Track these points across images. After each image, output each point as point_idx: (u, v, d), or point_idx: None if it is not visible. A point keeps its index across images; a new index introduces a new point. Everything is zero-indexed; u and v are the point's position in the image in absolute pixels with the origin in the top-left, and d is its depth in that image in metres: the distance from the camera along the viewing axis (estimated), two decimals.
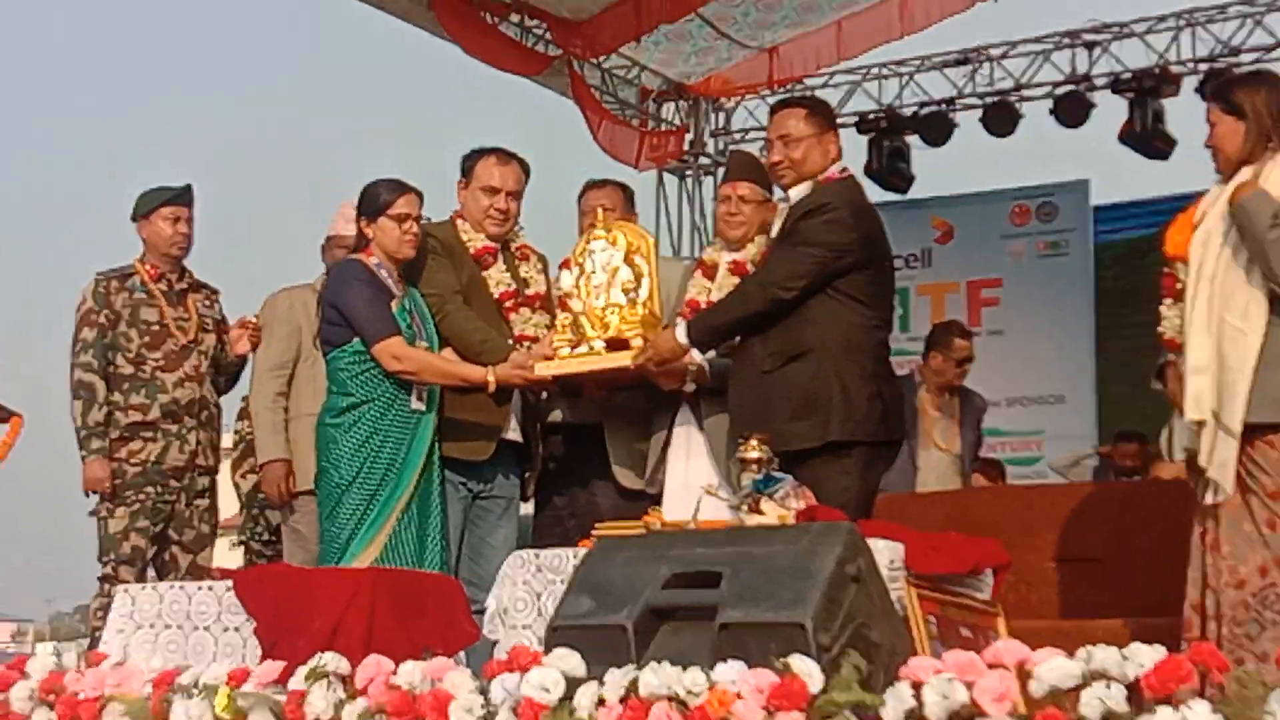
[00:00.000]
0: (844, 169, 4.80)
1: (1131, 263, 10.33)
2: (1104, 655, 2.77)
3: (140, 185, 6.00)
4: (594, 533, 4.17)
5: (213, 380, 5.93)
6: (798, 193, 4.75)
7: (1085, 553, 5.29)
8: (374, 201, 5.06)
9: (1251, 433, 4.04)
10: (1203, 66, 10.03)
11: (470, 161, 5.28)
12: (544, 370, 4.92)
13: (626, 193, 5.55)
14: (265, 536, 6.64)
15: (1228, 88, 4.33)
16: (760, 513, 3.92)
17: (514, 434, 5.27)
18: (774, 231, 4.85)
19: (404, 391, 5.01)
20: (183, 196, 5.90)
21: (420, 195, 5.10)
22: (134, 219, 5.91)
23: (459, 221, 5.27)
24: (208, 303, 6.00)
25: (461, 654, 4.28)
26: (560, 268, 5.20)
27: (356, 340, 4.98)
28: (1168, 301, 4.32)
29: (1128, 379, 10.09)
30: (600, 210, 5.07)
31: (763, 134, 11.54)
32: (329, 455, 5.01)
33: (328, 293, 5.08)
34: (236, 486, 6.69)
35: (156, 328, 5.80)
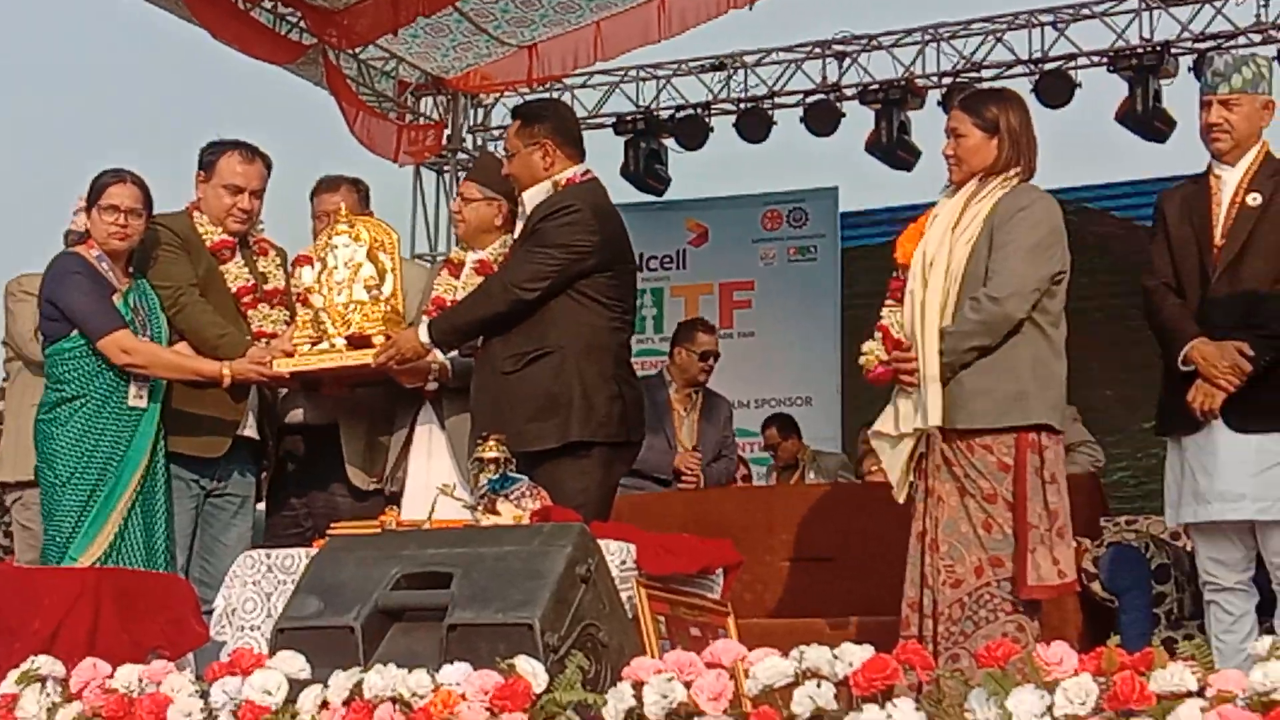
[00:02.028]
0: (585, 171, 4.83)
1: (874, 266, 10.62)
2: (815, 654, 2.85)
3: None
4: (329, 533, 4.12)
5: None
6: (532, 196, 4.77)
7: (818, 552, 5.42)
8: (91, 190, 4.90)
9: (969, 436, 4.20)
10: (946, 80, 10.37)
11: (212, 155, 5.13)
12: (283, 367, 4.83)
13: (361, 190, 5.46)
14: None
15: (981, 102, 4.45)
16: (496, 513, 3.93)
17: (250, 430, 5.16)
18: (517, 232, 4.86)
19: (122, 386, 4.86)
20: None
21: (140, 185, 4.92)
22: None
23: (195, 214, 5.14)
24: None
25: (190, 656, 4.19)
26: (295, 264, 5.12)
27: (74, 334, 4.83)
28: (890, 303, 4.47)
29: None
30: (343, 205, 5.01)
31: None
32: (44, 452, 4.85)
33: (45, 287, 4.89)
34: None
35: None
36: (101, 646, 3.75)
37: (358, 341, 4.76)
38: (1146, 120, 9.73)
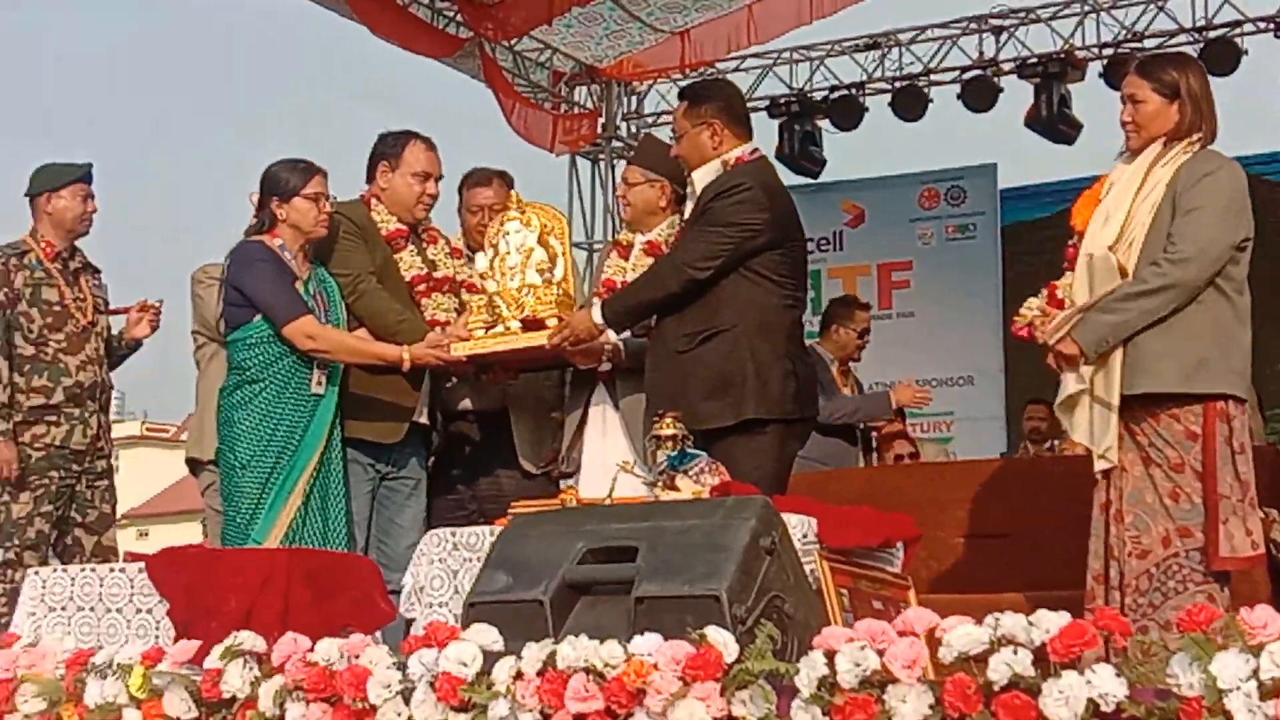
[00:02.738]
0: (754, 150, 4.84)
1: (1035, 243, 10.49)
2: (1010, 622, 2.83)
3: (30, 162, 5.90)
4: (510, 511, 4.19)
5: (107, 362, 5.86)
6: (701, 175, 4.80)
7: (992, 528, 5.38)
8: (285, 183, 5.02)
9: (1152, 405, 4.13)
10: (1107, 51, 10.21)
11: (396, 145, 5.24)
12: (460, 350, 4.92)
13: (508, 183, 5.56)
14: None
15: (1158, 66, 4.36)
16: (675, 489, 3.96)
17: (423, 417, 5.27)
18: (688, 213, 4.89)
19: (303, 373, 4.97)
20: (90, 174, 5.83)
21: (326, 175, 5.08)
22: (34, 194, 5.79)
23: (372, 202, 5.25)
24: (96, 283, 5.92)
25: (377, 634, 4.29)
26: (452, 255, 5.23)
27: (255, 321, 4.94)
28: (1069, 273, 4.40)
29: (1034, 359, 10.23)
30: (514, 193, 5.09)
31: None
32: (225, 435, 4.98)
33: (230, 275, 5.00)
34: None
35: (58, 308, 5.71)
36: (293, 625, 3.82)
37: (532, 325, 4.83)
38: None
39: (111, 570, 4.48)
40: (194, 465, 5.75)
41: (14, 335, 5.65)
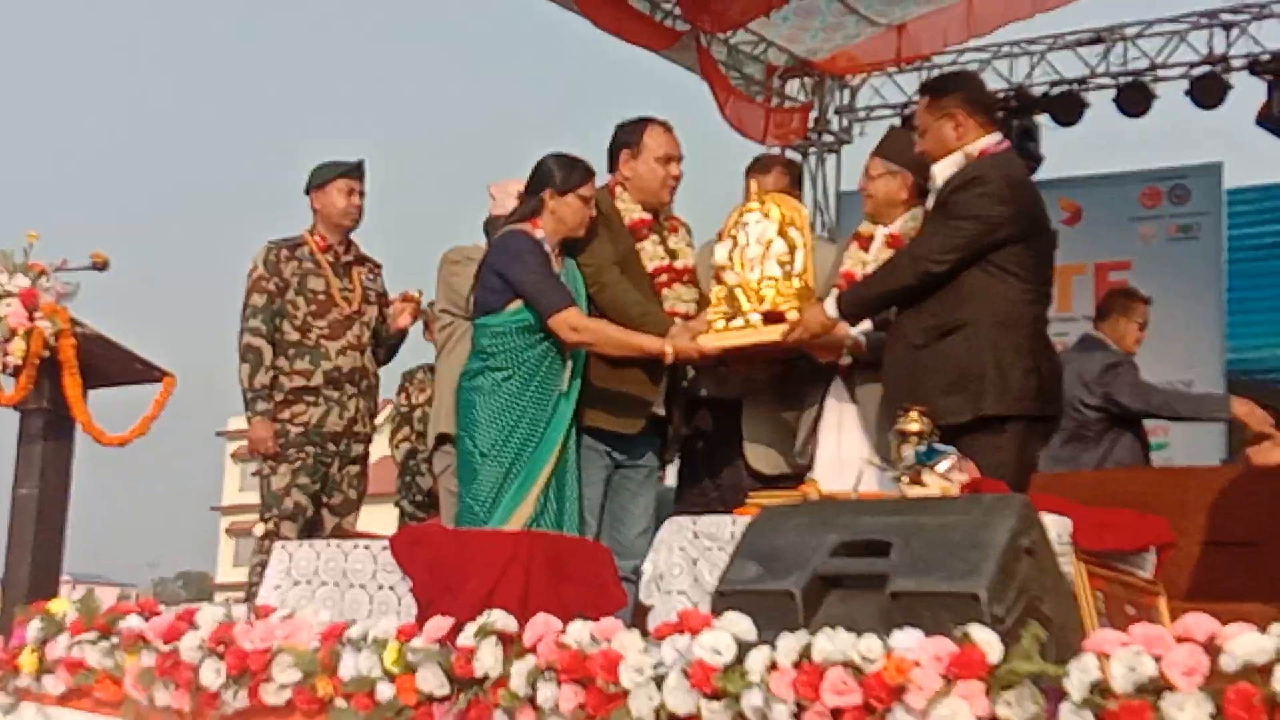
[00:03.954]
0: (1000, 140, 4.77)
1: (1262, 245, 10.18)
2: None
3: (307, 161, 6.14)
4: (749, 501, 4.18)
5: (372, 351, 6.04)
6: (942, 168, 4.73)
7: (1238, 536, 5.20)
8: (565, 178, 5.05)
9: None
10: None
11: (635, 132, 5.26)
12: (706, 342, 4.91)
13: (793, 172, 5.59)
14: (418, 499, 6.78)
15: None
16: (921, 484, 3.91)
17: (658, 407, 5.29)
18: (930, 205, 4.83)
19: (550, 366, 5.00)
20: (357, 170, 6.04)
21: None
22: (307, 190, 6.08)
23: (617, 190, 5.28)
24: (371, 276, 6.14)
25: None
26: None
27: (509, 309, 4.97)
28: None
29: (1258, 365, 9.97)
30: (753, 183, 5.08)
31: (888, 112, 11.54)
32: (465, 421, 5.04)
33: (494, 261, 5.05)
34: (393, 455, 6.83)
35: (323, 297, 5.95)
36: (533, 607, 3.86)
37: (772, 317, 4.81)
38: None
39: (356, 546, 4.59)
40: (438, 441, 5.85)
41: (282, 322, 5.91)
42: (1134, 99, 10.46)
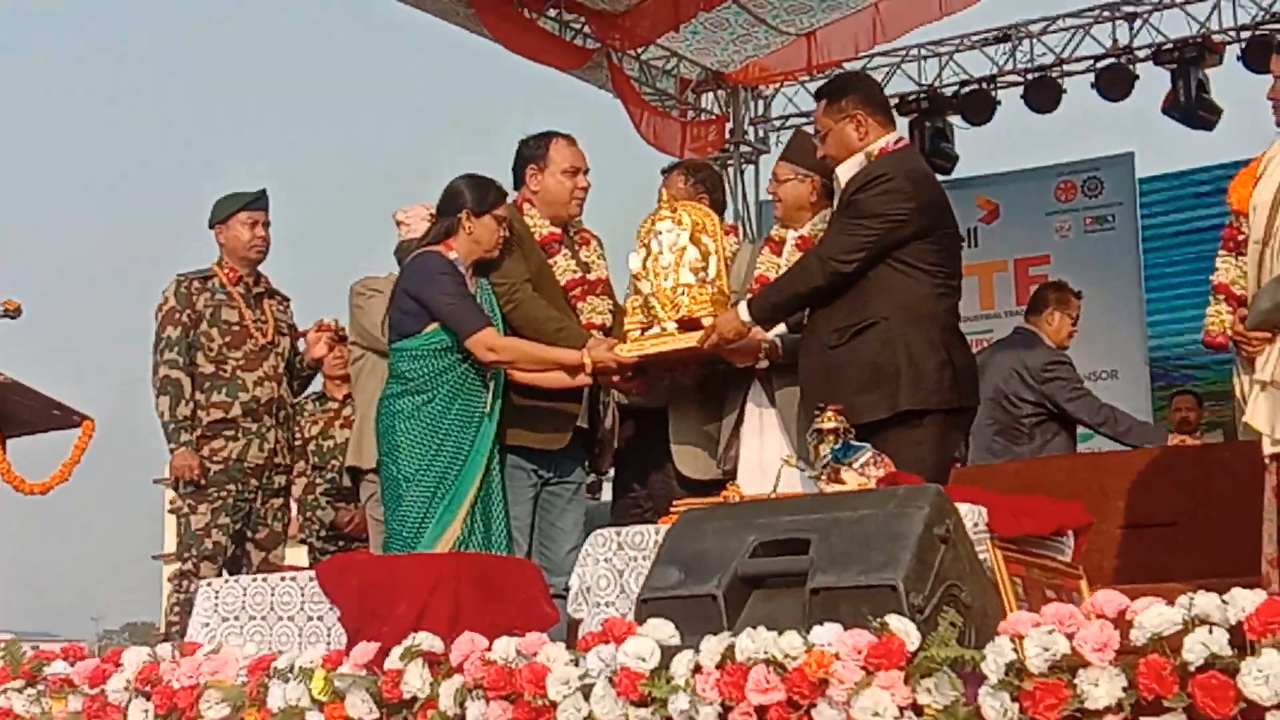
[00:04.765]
0: (899, 139, 4.83)
1: (1179, 232, 10.32)
2: (1205, 601, 2.79)
3: (210, 194, 6.13)
4: (673, 509, 4.20)
5: (287, 382, 6.02)
6: (845, 169, 4.79)
7: (1158, 517, 5.26)
8: (480, 199, 5.05)
9: None
10: (1245, 34, 10.01)
11: (540, 147, 5.27)
12: (621, 352, 4.93)
13: (699, 175, 5.59)
14: (321, 533, 6.73)
15: None
16: (840, 482, 3.94)
17: (581, 420, 5.30)
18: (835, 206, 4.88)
19: (472, 387, 4.99)
20: (259, 201, 6.02)
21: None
22: (211, 225, 6.05)
23: (525, 206, 5.29)
24: (281, 308, 6.13)
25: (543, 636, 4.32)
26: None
27: (428, 331, 4.96)
28: (1223, 254, 4.31)
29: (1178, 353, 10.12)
30: (662, 192, 5.11)
31: (802, 119, 11.63)
32: (387, 445, 5.02)
33: (408, 283, 5.03)
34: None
35: (237, 328, 5.93)
36: (464, 628, 3.85)
37: (688, 324, 4.84)
38: None
39: (282, 579, 4.57)
40: (354, 474, 5.83)
41: (196, 354, 5.89)
42: (1043, 94, 10.60)
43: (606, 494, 5.72)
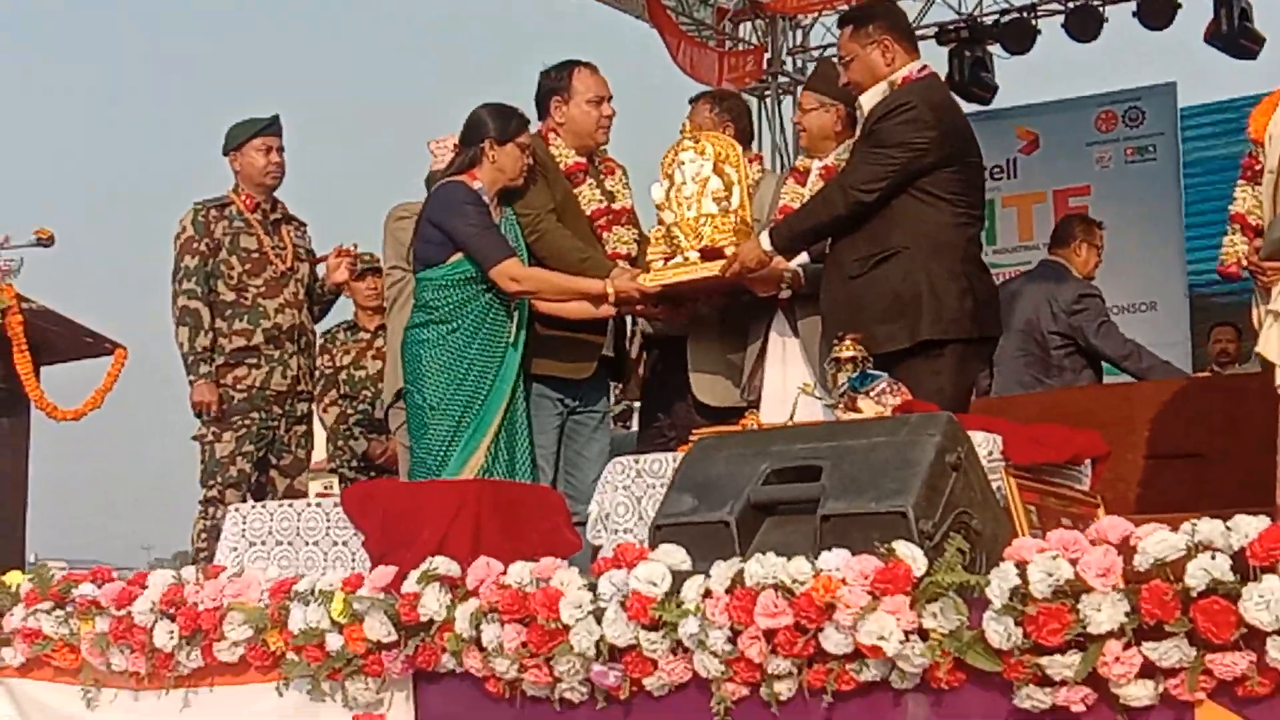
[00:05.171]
0: (923, 67, 4.78)
1: (1219, 162, 10.18)
2: (1208, 527, 2.80)
3: (229, 119, 6.11)
4: (692, 437, 4.22)
5: (308, 309, 6.05)
6: (869, 98, 4.76)
7: (1185, 448, 5.25)
8: (503, 127, 5.05)
9: None
10: None
11: (562, 77, 5.26)
12: (645, 281, 4.94)
13: (725, 104, 5.55)
14: (354, 463, 6.78)
15: None
16: (857, 410, 3.95)
17: (607, 349, 5.32)
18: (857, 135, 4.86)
19: (496, 316, 5.01)
20: (272, 126, 6.01)
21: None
22: (225, 152, 6.03)
23: (550, 136, 5.28)
24: (299, 234, 6.13)
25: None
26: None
27: (453, 260, 4.97)
28: (1241, 183, 4.27)
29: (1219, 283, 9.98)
30: (685, 122, 5.10)
31: None
32: (412, 374, 5.04)
33: (432, 212, 5.05)
34: (321, 419, 6.81)
35: (256, 255, 5.94)
36: (484, 553, 3.90)
37: (710, 254, 4.83)
38: None
39: (309, 505, 4.62)
40: (398, 396, 5.85)
41: (216, 283, 5.90)
42: (1084, 23, 10.47)
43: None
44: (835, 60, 5.00)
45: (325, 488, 4.70)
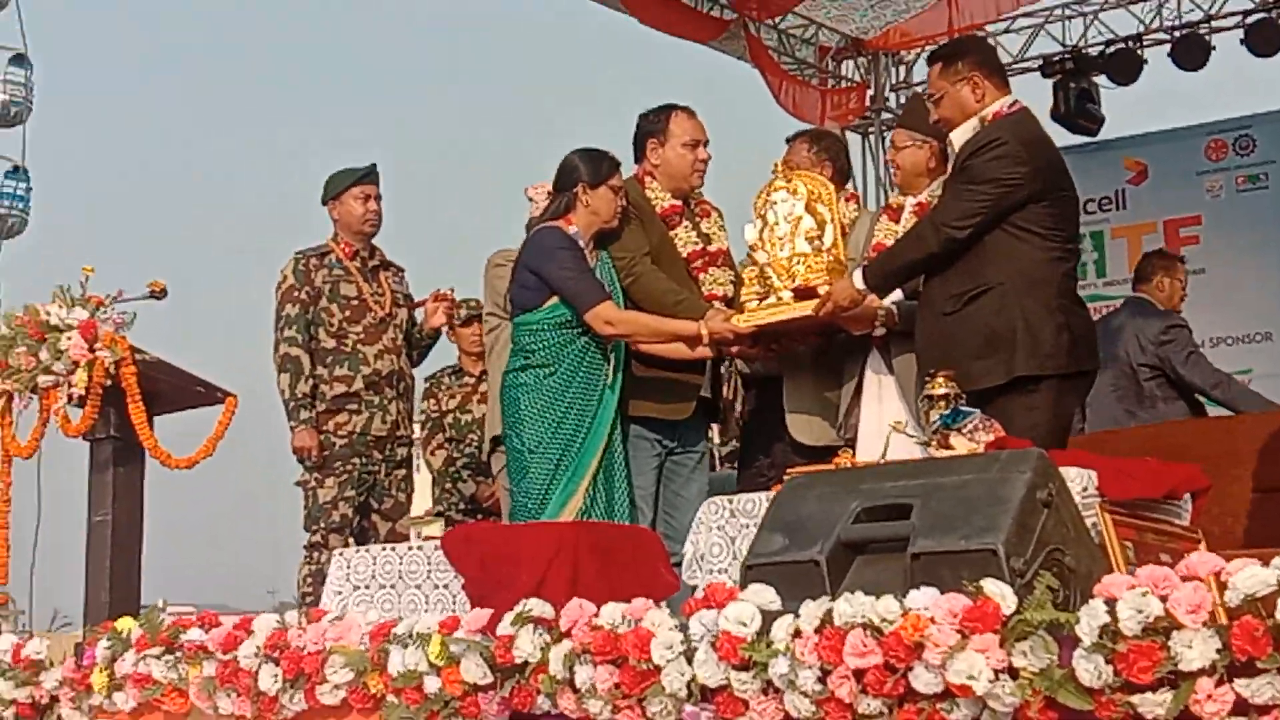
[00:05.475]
0: (1014, 103, 4.76)
1: None
2: None
3: (328, 168, 6.26)
4: (787, 476, 4.22)
5: (406, 354, 6.15)
6: (959, 134, 4.76)
7: None
8: (594, 171, 5.12)
9: None
10: None
11: (659, 121, 5.33)
12: (739, 322, 4.97)
13: (823, 144, 5.59)
14: (461, 506, 6.86)
15: None
16: (950, 447, 3.93)
17: (706, 391, 5.34)
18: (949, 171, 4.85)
19: (593, 360, 5.06)
20: (370, 175, 6.14)
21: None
22: (325, 201, 6.18)
23: (646, 179, 5.34)
24: (397, 279, 6.25)
25: (664, 604, 4.37)
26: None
27: (546, 306, 5.04)
28: None
29: None
30: (778, 162, 5.12)
31: None
32: (511, 418, 5.10)
33: (528, 258, 5.12)
34: (428, 463, 6.90)
35: (356, 302, 6.06)
36: (582, 595, 3.92)
37: (804, 293, 4.85)
38: None
39: (410, 548, 4.70)
40: (494, 444, 5.94)
41: (317, 330, 6.04)
42: (1190, 52, 10.35)
43: None
44: (926, 96, 5.00)
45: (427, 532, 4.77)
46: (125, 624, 4.51)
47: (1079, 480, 3.65)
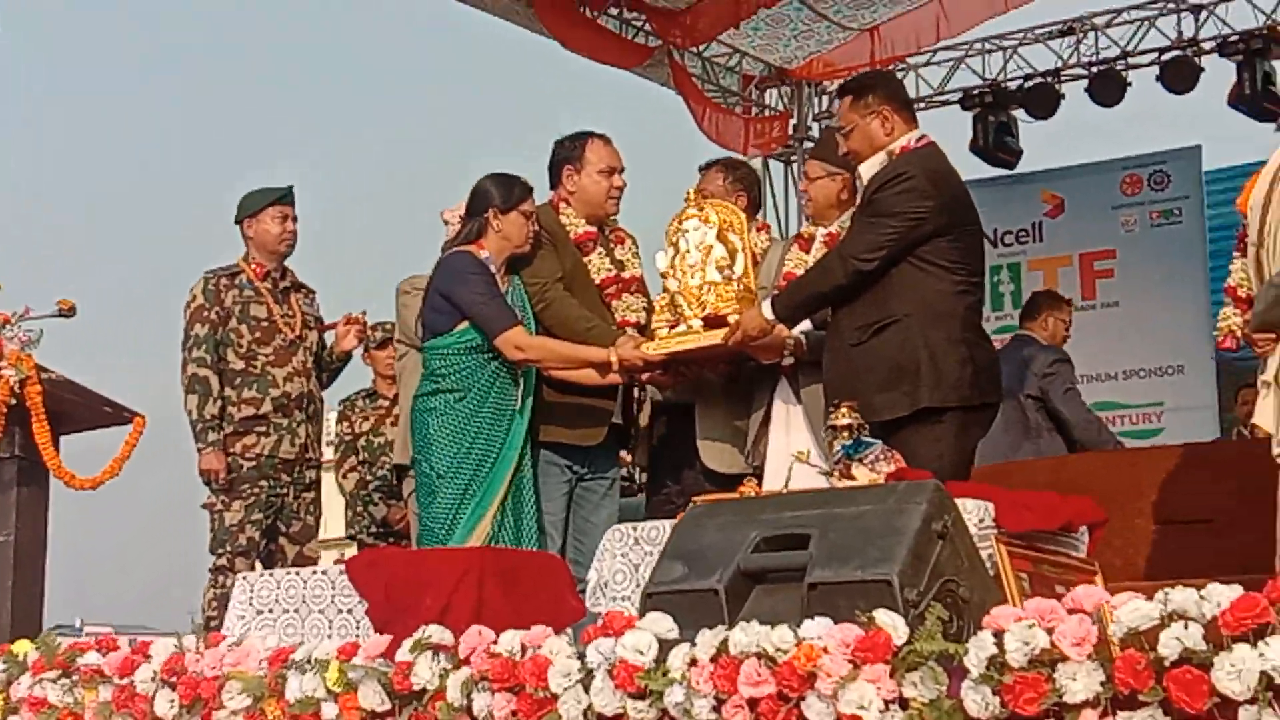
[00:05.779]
0: (921, 137, 4.82)
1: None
2: (1181, 596, 2.79)
3: (240, 188, 6.22)
4: (692, 504, 4.24)
5: (315, 376, 6.12)
6: (868, 167, 4.80)
7: (1194, 514, 5.22)
8: (505, 196, 5.13)
9: None
10: None
11: (576, 147, 5.35)
12: (648, 350, 4.98)
13: (737, 173, 5.63)
14: (373, 529, 6.83)
15: None
16: (851, 477, 3.97)
17: (617, 418, 5.35)
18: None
19: (503, 385, 5.06)
20: (287, 196, 6.11)
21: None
22: (238, 220, 6.13)
23: (561, 205, 5.36)
24: (308, 301, 6.21)
25: (568, 630, 4.38)
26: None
27: (456, 330, 5.04)
28: (1235, 255, 4.28)
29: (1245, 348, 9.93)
30: (690, 190, 5.15)
31: None
32: (420, 443, 5.10)
33: (439, 282, 5.12)
34: (340, 486, 6.88)
35: (265, 324, 6.01)
36: (486, 621, 3.92)
37: (714, 322, 4.88)
38: None
39: (314, 573, 4.66)
40: (400, 471, 5.93)
41: (225, 351, 5.99)
42: (1107, 88, 10.49)
43: None
44: (836, 129, 5.05)
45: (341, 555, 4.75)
46: (21, 647, 4.45)
47: (976, 512, 3.69)
